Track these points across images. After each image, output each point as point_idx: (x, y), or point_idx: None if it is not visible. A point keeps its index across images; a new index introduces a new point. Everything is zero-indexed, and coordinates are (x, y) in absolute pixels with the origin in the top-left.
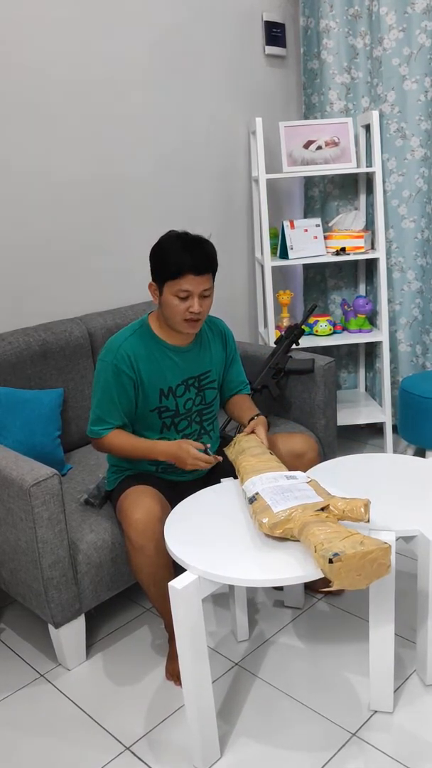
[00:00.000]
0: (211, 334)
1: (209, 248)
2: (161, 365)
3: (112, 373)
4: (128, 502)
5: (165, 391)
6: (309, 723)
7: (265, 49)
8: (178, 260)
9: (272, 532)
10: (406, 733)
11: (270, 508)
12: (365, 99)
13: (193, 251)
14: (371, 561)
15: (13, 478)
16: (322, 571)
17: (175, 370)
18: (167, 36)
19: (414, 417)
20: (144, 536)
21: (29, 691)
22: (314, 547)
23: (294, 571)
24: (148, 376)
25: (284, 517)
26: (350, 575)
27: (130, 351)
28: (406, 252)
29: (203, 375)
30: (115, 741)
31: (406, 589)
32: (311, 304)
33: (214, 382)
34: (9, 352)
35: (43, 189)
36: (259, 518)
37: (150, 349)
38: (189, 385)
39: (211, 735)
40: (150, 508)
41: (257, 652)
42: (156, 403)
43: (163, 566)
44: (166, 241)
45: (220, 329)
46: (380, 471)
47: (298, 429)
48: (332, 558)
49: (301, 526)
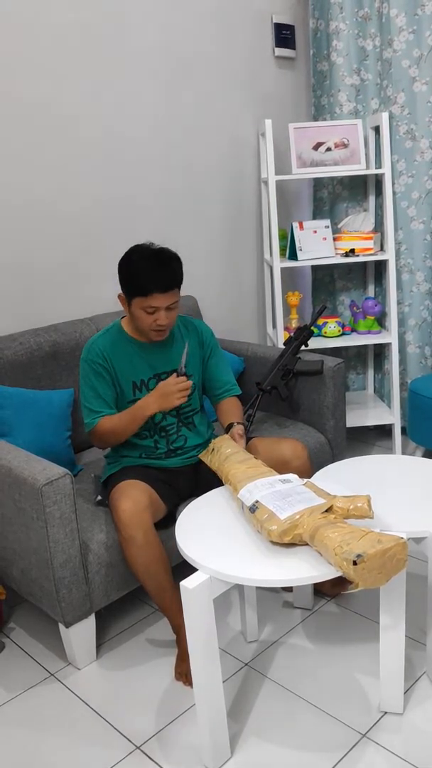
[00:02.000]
0: (185, 332)
1: (175, 265)
2: (132, 359)
3: (89, 367)
4: (116, 496)
5: (137, 383)
6: (319, 724)
7: (275, 51)
8: (146, 280)
9: (281, 540)
10: (416, 734)
11: (275, 515)
12: (375, 101)
13: (161, 271)
14: (390, 557)
15: (25, 478)
16: (344, 573)
17: (144, 366)
18: (177, 38)
19: (423, 419)
20: (131, 526)
21: (39, 690)
22: (333, 551)
23: (305, 572)
24: (120, 369)
25: (292, 523)
26: (372, 574)
27: (101, 347)
28: (415, 253)
29: (176, 370)
30: (126, 740)
31: (417, 591)
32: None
33: (191, 377)
34: (20, 352)
35: (54, 190)
36: (267, 527)
37: (121, 345)
38: (162, 379)
39: (221, 735)
40: (136, 498)
41: (267, 652)
42: (130, 395)
43: (156, 559)
44: (135, 260)
45: (197, 328)
46: (389, 472)
47: (306, 431)
48: (356, 560)
49: (313, 531)
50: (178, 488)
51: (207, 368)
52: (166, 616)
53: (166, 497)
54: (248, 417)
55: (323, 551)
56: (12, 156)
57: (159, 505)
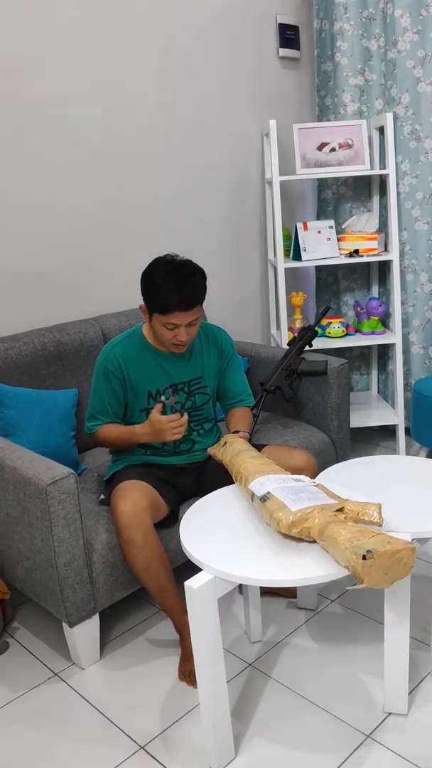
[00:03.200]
0: (206, 342)
1: (197, 281)
2: (149, 369)
3: (102, 374)
4: (116, 497)
5: (153, 393)
6: (323, 724)
7: (279, 51)
8: (167, 298)
9: (289, 531)
10: (420, 735)
11: (287, 506)
12: (379, 101)
13: (182, 289)
14: (398, 560)
15: (29, 478)
16: (352, 568)
17: (163, 375)
18: (181, 38)
19: (427, 419)
20: (130, 528)
21: (43, 690)
22: (343, 545)
23: (310, 572)
24: (136, 379)
25: (302, 515)
26: (379, 573)
27: (119, 354)
28: (419, 254)
29: (193, 381)
30: (130, 740)
31: (421, 592)
32: (324, 305)
33: (207, 387)
34: (24, 352)
35: (59, 191)
36: (276, 516)
37: (139, 354)
38: (178, 389)
39: (225, 735)
40: (135, 500)
41: (271, 653)
42: (144, 404)
43: (156, 558)
44: (157, 274)
45: (217, 338)
46: (393, 473)
47: (310, 431)
48: (366, 554)
49: (323, 526)
50: (181, 487)
51: (223, 378)
52: (169, 616)
53: (167, 497)
54: (252, 417)
55: (331, 546)
56: (17, 157)
57: (160, 505)
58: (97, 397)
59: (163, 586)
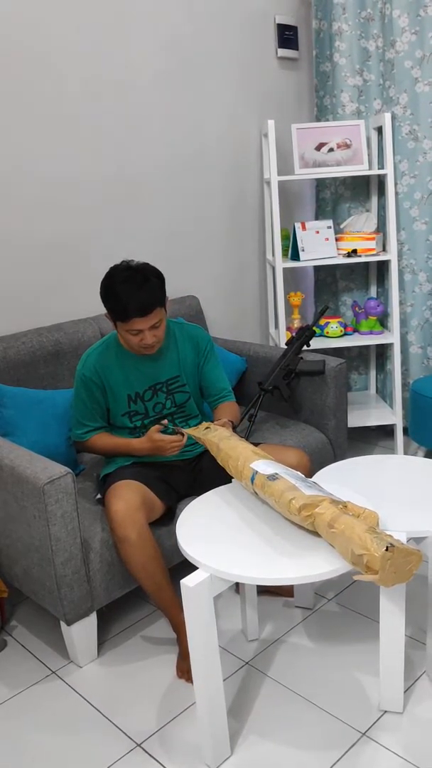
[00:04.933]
0: (182, 340)
1: (154, 285)
2: (127, 373)
3: (81, 381)
4: (109, 497)
5: (132, 396)
6: (319, 722)
7: (278, 51)
8: (124, 306)
9: (299, 513)
10: (415, 734)
11: (299, 489)
12: (377, 101)
13: (137, 295)
14: (407, 563)
15: (27, 476)
16: (368, 558)
17: (140, 377)
18: (180, 38)
19: (425, 419)
20: (124, 526)
21: (41, 688)
22: (364, 534)
23: (307, 570)
24: (115, 384)
25: (314, 501)
26: (392, 569)
27: (96, 361)
28: (417, 254)
29: (171, 380)
30: (126, 738)
31: (417, 590)
32: (322, 305)
33: (185, 386)
34: (23, 351)
35: (56, 191)
36: (287, 496)
37: (116, 360)
38: (157, 390)
39: (221, 733)
40: (128, 498)
41: (267, 651)
42: (125, 407)
43: (151, 557)
44: (112, 284)
45: (192, 335)
46: (391, 472)
47: (307, 431)
48: (389, 546)
49: (335, 515)
50: (176, 485)
51: (202, 374)
52: (166, 614)
53: (162, 495)
54: (250, 417)
55: (343, 536)
56: (12, 158)
57: (154, 503)
58: (81, 404)
59: (159, 584)
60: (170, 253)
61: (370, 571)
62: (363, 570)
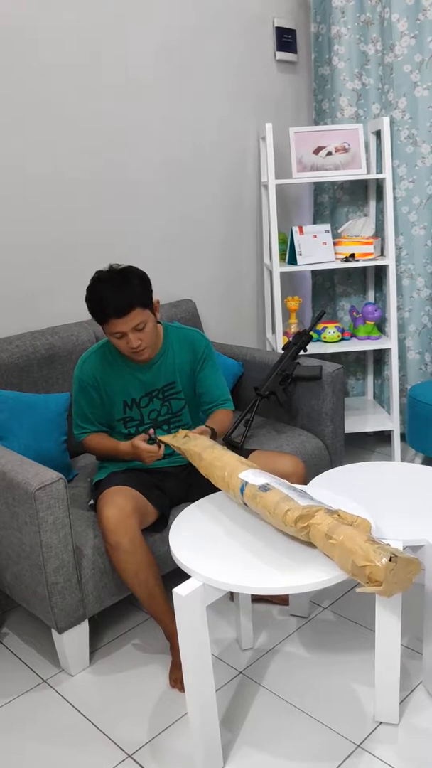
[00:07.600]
0: (178, 345)
1: (132, 286)
2: (123, 379)
3: (78, 386)
4: (101, 503)
5: (128, 402)
6: (313, 733)
7: (276, 54)
8: (99, 309)
9: (294, 524)
10: (411, 745)
11: (293, 499)
12: (376, 105)
13: (114, 297)
14: (407, 573)
15: (18, 482)
16: (370, 570)
17: (136, 384)
18: (178, 41)
19: (422, 425)
20: (116, 533)
21: (32, 697)
22: (366, 545)
23: (302, 579)
24: (112, 389)
25: (310, 512)
26: (394, 580)
27: (91, 367)
28: (415, 259)
29: (167, 386)
30: (118, 748)
31: (413, 600)
32: (320, 310)
33: (180, 392)
34: (16, 355)
35: (52, 193)
36: (282, 508)
37: (112, 365)
38: (153, 397)
39: (214, 744)
40: (121, 505)
41: (261, 660)
42: (121, 413)
43: (145, 564)
44: (91, 287)
45: (189, 339)
46: (388, 479)
47: (304, 436)
48: (392, 557)
49: (332, 526)
50: (169, 491)
51: (197, 380)
52: (159, 622)
53: (156, 501)
54: (246, 422)
55: (343, 547)
56: (9, 159)
57: (147, 510)
58: (78, 407)
59: (152, 591)
60: (167, 256)
61: (372, 582)
62: (364, 581)
